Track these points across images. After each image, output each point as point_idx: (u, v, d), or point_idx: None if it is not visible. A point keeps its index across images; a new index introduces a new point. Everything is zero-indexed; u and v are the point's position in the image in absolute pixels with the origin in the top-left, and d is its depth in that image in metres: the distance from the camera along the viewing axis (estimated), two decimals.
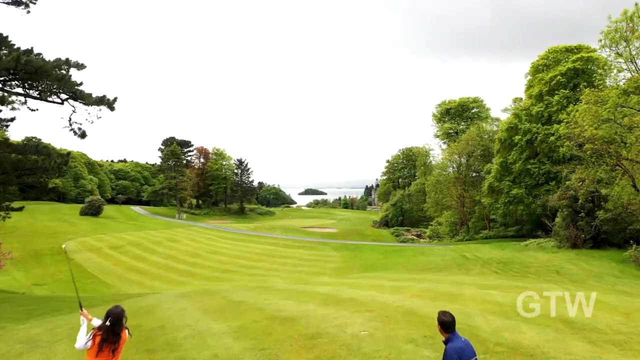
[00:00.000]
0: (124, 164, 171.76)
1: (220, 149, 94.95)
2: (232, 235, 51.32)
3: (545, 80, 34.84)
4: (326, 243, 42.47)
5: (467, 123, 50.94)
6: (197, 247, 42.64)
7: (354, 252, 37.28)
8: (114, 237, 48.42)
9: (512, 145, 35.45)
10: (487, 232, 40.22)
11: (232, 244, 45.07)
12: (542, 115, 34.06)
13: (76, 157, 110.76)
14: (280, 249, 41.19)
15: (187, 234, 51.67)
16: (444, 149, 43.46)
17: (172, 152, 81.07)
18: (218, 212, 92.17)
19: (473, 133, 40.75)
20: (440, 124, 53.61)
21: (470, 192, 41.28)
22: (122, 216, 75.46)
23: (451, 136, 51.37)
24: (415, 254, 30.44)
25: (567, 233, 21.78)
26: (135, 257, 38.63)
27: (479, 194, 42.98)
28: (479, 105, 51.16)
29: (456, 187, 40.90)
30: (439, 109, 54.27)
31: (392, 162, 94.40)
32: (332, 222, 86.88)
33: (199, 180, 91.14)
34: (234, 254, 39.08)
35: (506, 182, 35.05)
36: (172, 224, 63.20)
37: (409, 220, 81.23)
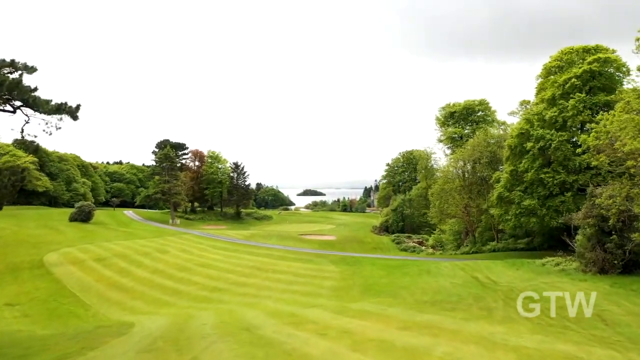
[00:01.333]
0: (119, 166, 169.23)
1: (215, 152, 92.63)
2: (225, 245, 48.85)
3: (559, 83, 32.51)
4: (323, 255, 40.04)
5: (473, 127, 48.62)
6: (187, 260, 40.15)
7: (353, 266, 34.85)
8: (101, 247, 45.91)
9: (524, 152, 33.11)
10: (495, 244, 37.84)
11: (225, 255, 42.61)
12: (556, 120, 31.71)
13: (69, 160, 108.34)
14: (275, 261, 38.73)
15: (178, 244, 49.15)
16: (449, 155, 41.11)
17: (165, 156, 78.62)
18: (213, 216, 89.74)
19: (480, 139, 38.43)
20: (444, 128, 51.27)
21: (476, 201, 38.94)
22: (114, 222, 72.98)
23: (456, 141, 49.04)
24: (420, 272, 28.02)
25: (593, 256, 19.37)
26: (120, 271, 36.14)
27: (486, 202, 40.63)
28: (484, 108, 48.82)
29: (462, 196, 38.56)
30: (443, 112, 51.91)
31: (392, 166, 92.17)
32: (331, 228, 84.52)
33: (194, 184, 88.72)
34: (225, 268, 36.61)
35: (517, 192, 32.68)
36: (164, 232, 60.69)
37: (410, 225, 78.93)
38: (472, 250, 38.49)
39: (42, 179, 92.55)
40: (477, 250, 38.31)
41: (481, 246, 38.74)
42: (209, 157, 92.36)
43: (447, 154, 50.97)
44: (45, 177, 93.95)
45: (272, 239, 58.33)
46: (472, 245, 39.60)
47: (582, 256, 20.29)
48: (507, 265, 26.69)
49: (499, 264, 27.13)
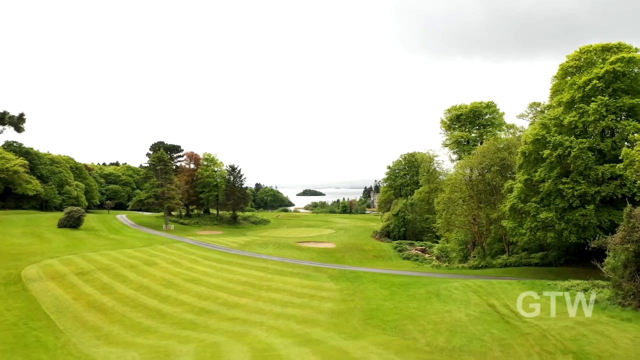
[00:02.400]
0: (115, 168, 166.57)
1: (211, 154, 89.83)
2: (218, 255, 46.13)
3: (578, 84, 29.81)
4: (322, 269, 37.33)
5: (480, 131, 45.87)
6: (176, 273, 37.47)
7: (353, 283, 32.16)
8: (86, 258, 43.20)
9: (539, 160, 30.43)
10: (505, 258, 35.16)
11: (216, 268, 39.92)
12: (576, 126, 29.05)
13: (61, 162, 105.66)
14: (270, 276, 36.04)
15: (168, 254, 46.45)
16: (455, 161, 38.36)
17: (158, 159, 75.88)
18: (209, 221, 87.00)
19: (489, 144, 35.71)
20: (449, 132, 48.51)
21: (485, 210, 36.27)
22: (105, 228, 70.22)
23: (462, 145, 46.29)
24: (428, 294, 25.32)
25: (632, 287, 16.70)
26: (102, 288, 33.45)
27: (496, 212, 37.94)
28: (492, 111, 46.06)
29: (470, 206, 35.84)
30: (449, 114, 49.12)
31: (393, 168, 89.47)
32: (330, 233, 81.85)
33: (189, 188, 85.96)
34: (216, 284, 33.92)
35: (532, 203, 29.99)
36: (155, 239, 57.93)
37: (412, 231, 76.29)
38: (482, 265, 35.82)
39: (33, 182, 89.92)
40: (486, 264, 35.63)
41: (491, 259, 36.04)
42: (205, 159, 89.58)
43: (452, 159, 48.31)
44: (36, 180, 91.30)
45: (269, 247, 55.63)
46: (481, 259, 36.91)
47: (619, 286, 17.59)
48: (525, 288, 24.00)
49: (516, 287, 24.45)
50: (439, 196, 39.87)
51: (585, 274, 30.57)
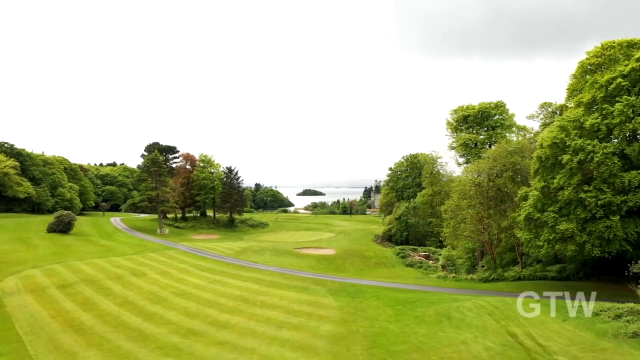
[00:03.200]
0: (112, 168, 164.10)
1: (208, 156, 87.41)
2: (211, 265, 43.64)
3: (601, 83, 27.27)
4: (321, 282, 34.84)
5: (489, 133, 43.34)
6: (164, 286, 34.98)
7: (355, 299, 29.68)
8: (71, 268, 40.79)
9: (558, 166, 27.91)
10: (519, 270, 32.65)
11: (208, 279, 37.44)
12: (599, 128, 26.52)
13: (54, 163, 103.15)
14: (266, 289, 33.55)
15: (159, 263, 43.99)
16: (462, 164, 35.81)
17: (152, 160, 73.37)
18: (205, 224, 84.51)
19: (501, 148, 33.21)
20: (456, 134, 45.96)
21: (496, 219, 33.80)
22: (96, 232, 67.79)
23: (470, 148, 43.77)
24: (438, 316, 22.83)
25: None
26: (84, 303, 30.99)
27: (507, 220, 35.45)
28: (501, 112, 43.54)
29: (479, 213, 33.32)
30: (455, 115, 46.55)
31: (394, 170, 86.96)
32: (330, 237, 79.35)
33: (185, 190, 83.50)
34: (206, 299, 31.43)
35: (550, 213, 27.48)
36: (147, 246, 55.45)
37: (415, 235, 73.80)
38: (492, 277, 33.34)
39: (24, 184, 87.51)
40: (498, 276, 33.13)
41: (502, 272, 33.54)
42: (201, 161, 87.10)
43: (460, 163, 45.87)
44: (28, 182, 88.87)
45: (266, 254, 53.18)
46: (492, 271, 34.41)
47: None
48: (546, 310, 21.52)
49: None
50: (447, 203, 37.33)
51: (609, 290, 28.15)
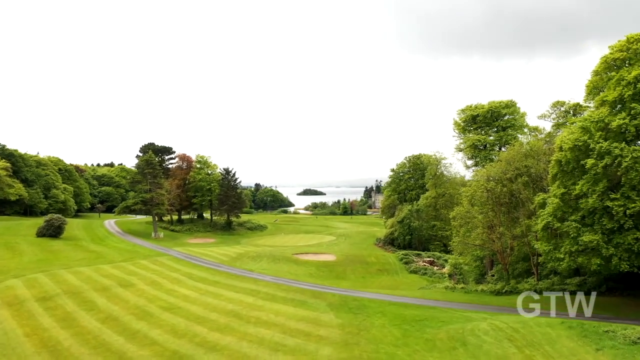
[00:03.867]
0: (109, 169, 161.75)
1: (204, 157, 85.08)
2: (204, 273, 41.21)
3: (628, 80, 24.79)
4: (320, 294, 32.40)
5: (499, 134, 40.87)
6: (152, 298, 32.55)
7: (357, 315, 27.25)
8: (54, 277, 38.38)
9: (580, 170, 25.46)
10: (534, 283, 30.20)
11: (200, 290, 35.02)
12: (627, 130, 24.07)
13: (48, 164, 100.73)
14: (260, 302, 31.13)
15: (149, 272, 41.57)
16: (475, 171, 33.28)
17: (146, 162, 70.96)
18: (202, 227, 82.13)
19: (515, 151, 30.74)
20: (464, 134, 43.50)
21: (509, 227, 31.35)
22: (88, 236, 65.36)
23: (479, 150, 41.28)
24: (451, 341, 20.40)
25: None
26: (63, 319, 28.58)
27: (520, 227, 33.01)
28: (512, 111, 41.06)
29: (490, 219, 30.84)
30: (463, 115, 44.04)
31: (397, 171, 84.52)
32: (330, 241, 76.95)
33: (181, 192, 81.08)
34: (196, 314, 29.00)
35: (572, 222, 25.03)
36: (139, 252, 53.03)
37: (418, 239, 71.38)
38: (506, 290, 30.92)
39: (16, 185, 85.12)
40: (512, 289, 30.71)
41: (516, 284, 31.13)
42: (197, 162, 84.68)
43: (468, 165, 43.44)
44: (20, 184, 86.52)
45: (263, 261, 50.79)
46: (504, 282, 31.98)
47: None
48: (575, 337, 19.07)
49: (562, 333, 19.55)
50: (456, 209, 34.89)
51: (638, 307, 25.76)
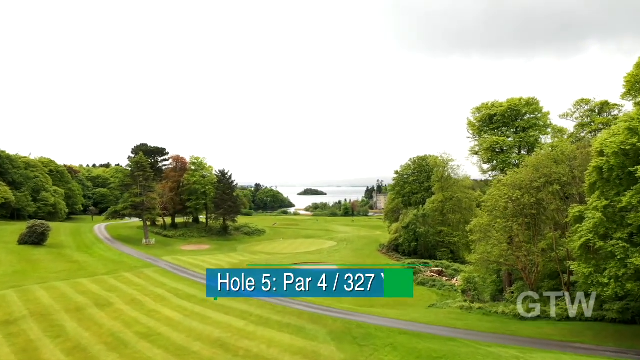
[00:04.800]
0: (104, 170, 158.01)
1: (199, 158, 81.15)
2: (192, 289, 37.35)
3: None
4: (320, 318, 28.51)
5: (519, 135, 36.90)
6: (130, 322, 28.71)
7: (363, 348, 23.39)
8: (25, 295, 34.53)
9: (627, 179, 21.53)
10: (564, 307, 26.23)
11: (185, 311, 31.18)
12: None
13: (37, 166, 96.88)
14: (252, 328, 27.29)
15: (132, 287, 37.72)
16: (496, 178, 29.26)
17: (137, 164, 67.14)
18: (196, 232, 78.29)
19: (545, 156, 26.77)
20: (480, 135, 39.44)
21: (536, 241, 27.42)
22: (74, 243, 61.58)
23: (496, 153, 37.30)
24: None
25: None
26: (24, 349, 24.77)
27: (545, 239, 29.10)
28: (534, 109, 36.99)
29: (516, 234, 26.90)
30: (478, 115, 39.96)
31: (401, 174, 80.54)
32: (331, 247, 73.09)
33: (174, 196, 77.25)
34: (177, 344, 25.14)
35: (618, 242, 21.13)
36: (125, 263, 49.18)
37: (424, 246, 67.45)
38: (532, 315, 27.01)
39: (2, 188, 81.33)
40: (539, 313, 26.84)
41: (544, 306, 27.26)
42: (192, 163, 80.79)
43: (484, 170, 39.47)
44: (6, 187, 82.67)
45: None
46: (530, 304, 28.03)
47: None
48: None
49: None
50: (474, 222, 30.90)
51: None
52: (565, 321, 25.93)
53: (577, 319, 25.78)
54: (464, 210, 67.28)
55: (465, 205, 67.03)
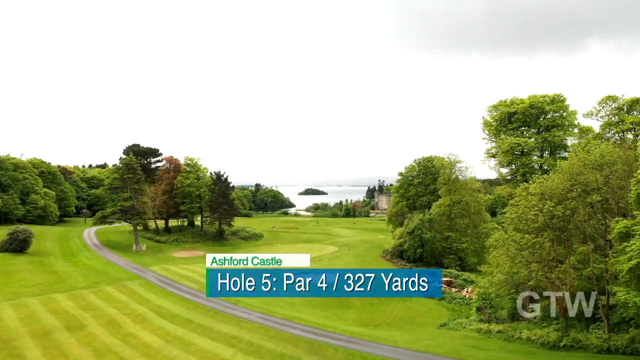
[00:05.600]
0: (99, 170, 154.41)
1: (194, 159, 77.57)
2: (177, 307, 33.66)
3: None
4: (320, 347, 24.86)
5: (542, 135, 33.10)
6: (102, 350, 25.07)
7: None
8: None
9: None
10: (605, 336, 22.53)
11: (167, 335, 27.52)
12: None
13: (27, 167, 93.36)
14: (240, 357, 23.62)
15: (112, 304, 34.05)
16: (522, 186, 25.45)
17: (127, 166, 63.55)
18: (190, 237, 74.67)
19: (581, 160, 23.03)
20: (498, 136, 35.55)
21: (571, 260, 23.68)
22: (59, 250, 58.02)
23: (516, 156, 33.47)
24: None
25: None
26: None
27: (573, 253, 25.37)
28: (559, 107, 33.05)
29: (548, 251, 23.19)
30: (495, 113, 35.99)
31: (405, 175, 76.79)
32: (332, 252, 69.48)
33: (167, 199, 73.65)
34: None
35: None
36: (109, 274, 45.53)
37: (431, 252, 63.75)
38: (564, 343, 23.36)
39: None
40: (573, 342, 23.10)
41: (577, 334, 23.60)
42: (186, 164, 77.12)
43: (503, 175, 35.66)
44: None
45: None
46: (562, 332, 24.38)
47: None
48: None
49: None
50: (495, 235, 26.90)
51: None
52: (605, 353, 22.18)
53: (617, 351, 22.06)
54: (472, 215, 63.74)
55: (474, 210, 63.45)
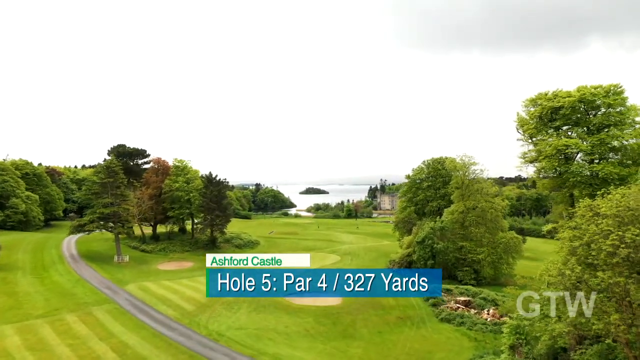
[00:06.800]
0: (92, 171, 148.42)
1: (183, 161, 71.40)
2: (146, 345, 27.63)
3: None
4: None
5: (597, 136, 26.78)
6: None
7: None
8: None
9: None
10: None
11: None
12: None
13: (7, 169, 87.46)
14: None
15: (66, 341, 28.02)
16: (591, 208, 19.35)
17: (107, 169, 57.62)
18: (179, 246, 68.59)
19: None
20: (538, 136, 29.09)
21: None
22: (29, 264, 52.05)
23: (566, 163, 27.16)
24: None
25: None
26: None
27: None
28: (616, 102, 26.77)
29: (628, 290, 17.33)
30: (534, 109, 29.36)
31: (413, 178, 70.69)
32: (334, 262, 63.44)
33: (154, 204, 67.66)
34: None
35: None
36: (76, 295, 39.50)
37: (443, 263, 57.50)
38: None
39: None
40: None
41: None
42: (175, 167, 71.02)
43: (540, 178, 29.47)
44: None
45: (242, 309, 37.17)
46: None
47: None
48: None
49: None
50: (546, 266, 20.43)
51: None
52: None
53: None
54: (488, 223, 57.61)
55: (491, 217, 57.36)
